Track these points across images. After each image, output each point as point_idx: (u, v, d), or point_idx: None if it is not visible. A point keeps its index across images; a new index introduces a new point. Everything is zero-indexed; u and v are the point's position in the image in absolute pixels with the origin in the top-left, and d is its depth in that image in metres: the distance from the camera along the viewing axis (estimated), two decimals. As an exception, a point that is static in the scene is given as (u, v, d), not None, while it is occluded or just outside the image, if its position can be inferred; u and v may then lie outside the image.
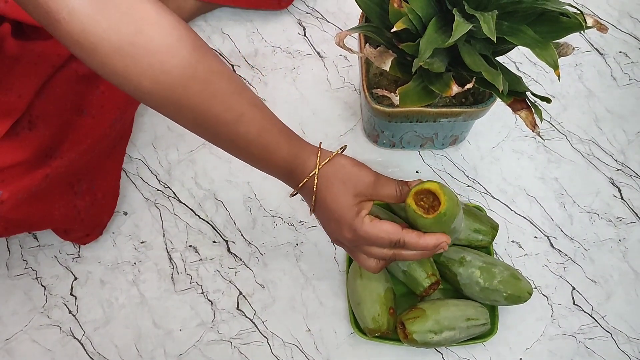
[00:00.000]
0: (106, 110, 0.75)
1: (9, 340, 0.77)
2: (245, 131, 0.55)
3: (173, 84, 0.51)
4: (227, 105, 0.54)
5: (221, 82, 0.54)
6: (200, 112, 0.53)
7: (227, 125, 0.54)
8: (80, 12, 0.46)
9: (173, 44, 0.50)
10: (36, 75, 0.68)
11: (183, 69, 0.50)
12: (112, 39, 0.47)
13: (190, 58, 0.51)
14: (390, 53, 0.57)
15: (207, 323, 0.77)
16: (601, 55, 0.91)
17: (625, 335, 0.76)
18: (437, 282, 0.72)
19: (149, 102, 0.53)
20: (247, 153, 0.57)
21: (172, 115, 0.55)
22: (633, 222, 0.81)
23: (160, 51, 0.49)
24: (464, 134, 0.82)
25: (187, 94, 0.52)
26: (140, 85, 0.50)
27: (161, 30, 0.49)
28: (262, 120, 0.56)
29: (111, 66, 0.48)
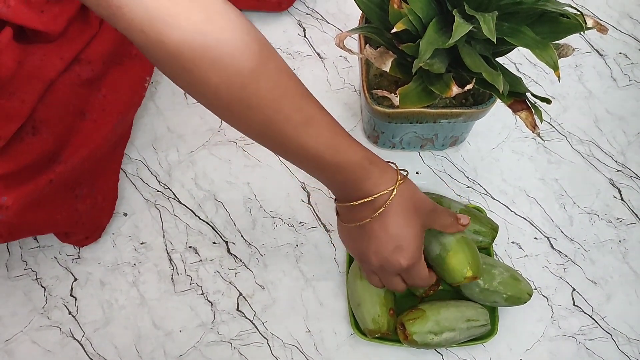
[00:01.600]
0: (107, 114, 0.75)
1: (8, 341, 0.77)
2: (316, 133, 0.51)
3: (244, 81, 0.46)
4: (298, 105, 0.50)
5: (290, 81, 0.50)
6: (270, 114, 0.49)
7: (297, 127, 0.50)
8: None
9: (243, 37, 0.46)
10: (39, 80, 0.68)
11: (255, 65, 0.46)
12: (182, 26, 0.43)
13: (261, 54, 0.47)
14: (391, 54, 0.57)
15: (207, 324, 0.77)
16: (601, 56, 0.91)
17: (626, 336, 0.76)
18: (437, 284, 0.72)
19: (215, 103, 0.49)
20: (317, 157, 0.52)
21: (239, 117, 0.50)
22: (633, 223, 0.81)
23: (230, 44, 0.45)
24: (464, 135, 0.82)
25: (259, 92, 0.47)
26: (209, 81, 0.46)
27: (230, 22, 0.45)
28: (331, 123, 0.53)
29: (179, 59, 0.44)
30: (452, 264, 0.66)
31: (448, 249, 0.66)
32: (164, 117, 0.87)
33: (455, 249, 0.66)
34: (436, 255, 0.67)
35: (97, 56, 0.74)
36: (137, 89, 0.81)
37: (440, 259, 0.66)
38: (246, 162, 0.85)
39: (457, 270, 0.66)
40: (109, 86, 0.75)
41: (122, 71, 0.78)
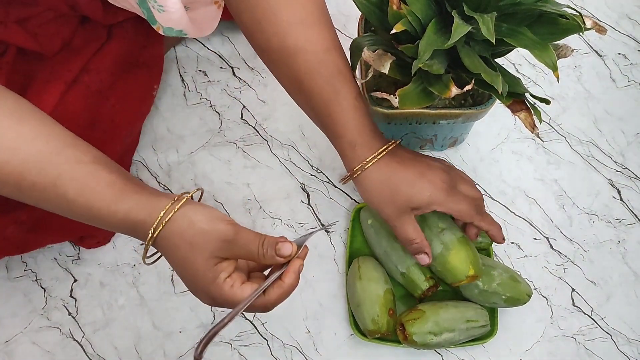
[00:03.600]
0: (117, 125, 0.75)
1: (8, 342, 0.77)
2: (63, 192, 0.50)
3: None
4: (40, 169, 0.50)
5: (27, 145, 0.50)
6: (14, 183, 0.49)
7: (44, 190, 0.50)
8: None
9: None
10: (49, 95, 0.68)
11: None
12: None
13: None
14: (389, 56, 0.57)
15: (207, 325, 0.77)
16: (600, 57, 0.91)
17: (625, 336, 0.76)
18: (435, 285, 0.72)
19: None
20: (75, 215, 0.52)
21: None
22: (632, 223, 0.81)
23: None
24: (464, 136, 0.82)
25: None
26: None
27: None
28: (83, 177, 0.51)
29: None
30: (454, 263, 0.66)
31: (450, 248, 0.66)
32: (164, 118, 0.87)
33: (457, 247, 0.66)
34: (438, 254, 0.67)
35: (106, 66, 0.74)
36: (146, 97, 0.81)
37: (442, 257, 0.67)
38: (246, 163, 0.85)
39: (460, 269, 0.66)
40: (118, 96, 0.76)
41: (130, 80, 0.78)
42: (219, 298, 0.50)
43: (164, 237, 0.51)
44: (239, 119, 0.87)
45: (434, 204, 0.60)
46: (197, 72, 0.90)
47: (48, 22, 0.69)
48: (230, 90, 0.89)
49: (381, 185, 0.59)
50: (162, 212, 0.50)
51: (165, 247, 0.51)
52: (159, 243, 0.51)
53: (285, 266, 0.52)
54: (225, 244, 0.50)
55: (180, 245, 0.50)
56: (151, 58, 0.82)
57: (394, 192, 0.59)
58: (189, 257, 0.50)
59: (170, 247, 0.51)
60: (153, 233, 0.50)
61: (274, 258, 0.51)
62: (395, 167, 0.59)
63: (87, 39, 0.73)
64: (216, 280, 0.50)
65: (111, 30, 0.76)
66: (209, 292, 0.50)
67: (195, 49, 0.91)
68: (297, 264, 0.52)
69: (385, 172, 0.59)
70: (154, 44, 0.82)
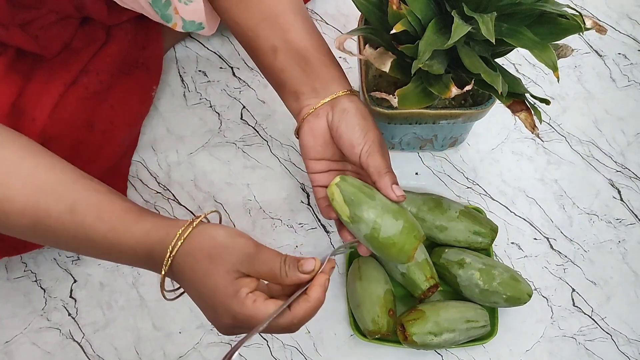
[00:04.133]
0: (115, 127, 0.75)
1: (8, 342, 0.76)
2: (81, 218, 0.50)
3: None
4: (58, 196, 0.50)
5: (44, 173, 0.50)
6: (30, 215, 0.49)
7: (61, 218, 0.50)
8: None
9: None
10: (48, 96, 0.68)
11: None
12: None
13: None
14: (390, 55, 0.57)
15: (207, 325, 0.77)
16: (600, 56, 0.91)
17: (625, 336, 0.76)
18: (435, 285, 0.72)
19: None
20: (92, 244, 0.51)
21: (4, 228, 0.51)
22: (633, 223, 0.81)
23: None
24: (464, 136, 0.82)
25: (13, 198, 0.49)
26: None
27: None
28: (103, 201, 0.51)
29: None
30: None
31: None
32: (164, 119, 0.87)
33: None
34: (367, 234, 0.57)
35: (105, 67, 0.74)
36: (145, 98, 0.81)
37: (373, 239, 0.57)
38: (245, 163, 0.85)
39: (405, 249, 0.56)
40: (116, 97, 0.76)
41: (129, 81, 0.78)
42: (239, 314, 0.47)
43: (183, 254, 0.49)
44: (239, 119, 0.87)
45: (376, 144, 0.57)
46: (196, 72, 0.90)
47: (49, 24, 0.69)
48: (230, 90, 0.89)
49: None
50: (180, 229, 0.49)
51: (183, 264, 0.49)
52: (178, 261, 0.49)
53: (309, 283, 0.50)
54: (246, 258, 0.48)
55: (200, 260, 0.48)
56: (150, 59, 0.82)
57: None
58: (209, 270, 0.48)
59: (190, 263, 0.49)
60: (172, 251, 0.49)
61: (297, 274, 0.49)
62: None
63: (86, 40, 0.73)
64: (238, 294, 0.47)
65: (110, 32, 0.76)
66: (229, 307, 0.47)
67: (195, 49, 0.91)
68: (323, 278, 0.50)
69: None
70: (153, 45, 0.82)
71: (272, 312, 0.47)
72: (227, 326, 0.49)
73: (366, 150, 0.56)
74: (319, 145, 0.60)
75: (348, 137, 0.57)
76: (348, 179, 0.57)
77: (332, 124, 0.59)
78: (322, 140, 0.60)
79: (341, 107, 0.58)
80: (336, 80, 0.60)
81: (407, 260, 0.56)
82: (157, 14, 0.66)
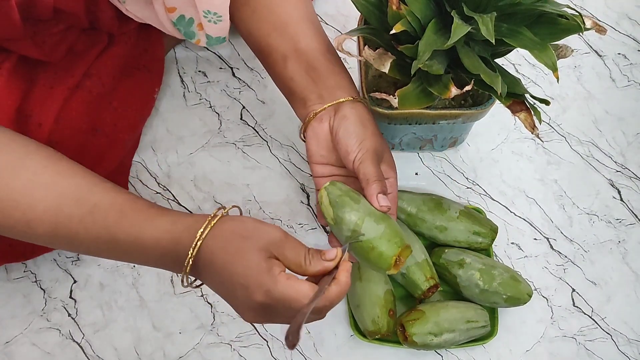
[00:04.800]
0: (119, 130, 0.75)
1: (8, 343, 0.76)
2: (102, 218, 0.50)
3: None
4: (76, 199, 0.51)
5: (61, 178, 0.51)
6: (51, 218, 0.50)
7: (83, 220, 0.50)
8: None
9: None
10: (53, 100, 0.68)
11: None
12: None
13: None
14: (389, 55, 0.57)
15: (207, 326, 0.77)
16: (600, 57, 0.91)
17: (626, 337, 0.76)
18: (435, 286, 0.72)
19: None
20: (115, 243, 0.51)
21: (22, 234, 0.52)
22: (633, 223, 0.81)
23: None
24: (463, 136, 0.82)
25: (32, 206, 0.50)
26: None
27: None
28: (122, 202, 0.52)
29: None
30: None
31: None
32: (163, 119, 0.87)
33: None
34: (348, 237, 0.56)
35: (108, 70, 0.74)
36: (147, 100, 0.82)
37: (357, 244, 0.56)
38: (245, 163, 0.85)
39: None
40: (119, 100, 0.76)
41: (132, 84, 0.78)
42: (274, 290, 0.47)
43: (213, 237, 0.49)
44: (239, 120, 0.87)
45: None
46: (196, 72, 0.90)
47: (57, 32, 0.69)
48: (229, 90, 0.89)
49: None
50: (209, 217, 0.50)
51: (213, 246, 0.49)
52: (207, 243, 0.49)
53: (334, 271, 0.51)
54: (277, 241, 0.49)
55: (232, 239, 0.49)
56: (152, 61, 0.82)
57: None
58: (242, 247, 0.48)
59: (221, 243, 0.49)
60: (202, 234, 0.49)
61: (321, 262, 0.50)
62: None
63: (89, 43, 0.73)
64: (271, 270, 0.47)
65: (112, 35, 0.76)
66: (263, 283, 0.47)
67: (195, 49, 0.91)
68: (348, 264, 0.52)
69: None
70: (155, 47, 0.82)
71: (313, 293, 0.47)
72: (257, 307, 0.48)
73: (359, 158, 0.57)
74: (323, 150, 0.61)
75: (344, 144, 0.58)
76: (337, 184, 0.57)
77: (332, 129, 0.59)
78: (326, 145, 0.61)
79: (342, 114, 0.59)
80: (342, 88, 0.61)
81: (388, 268, 0.54)
82: (180, 32, 0.67)
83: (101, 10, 0.69)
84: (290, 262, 0.50)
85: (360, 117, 0.59)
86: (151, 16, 0.68)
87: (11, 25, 0.60)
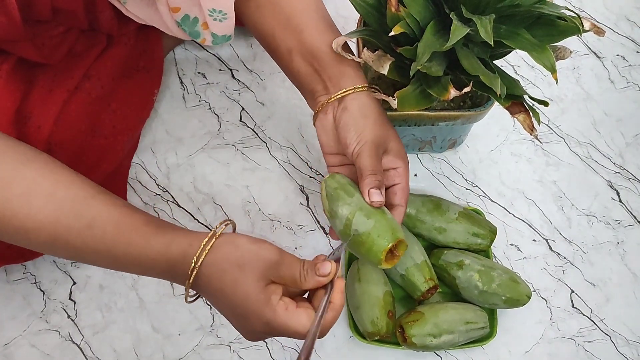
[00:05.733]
0: (118, 131, 0.75)
1: (7, 345, 0.76)
2: (101, 233, 0.50)
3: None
4: (77, 212, 0.51)
5: (64, 190, 0.51)
6: (50, 230, 0.50)
7: (81, 234, 0.51)
8: None
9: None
10: (52, 102, 0.68)
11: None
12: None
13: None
14: (389, 57, 0.58)
15: (206, 327, 0.77)
16: (599, 58, 0.91)
17: (625, 338, 0.76)
18: (434, 287, 0.72)
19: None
20: (111, 256, 0.51)
21: (21, 242, 0.52)
22: (631, 224, 0.81)
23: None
24: (462, 137, 0.82)
25: (32, 215, 0.50)
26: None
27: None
28: (119, 217, 0.51)
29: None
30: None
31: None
32: (163, 121, 0.87)
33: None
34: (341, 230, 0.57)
35: (107, 72, 0.74)
36: (146, 102, 0.82)
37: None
38: (245, 165, 0.85)
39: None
40: (119, 101, 0.76)
41: (131, 85, 0.78)
42: (273, 322, 0.48)
43: (208, 264, 0.49)
44: (238, 121, 0.87)
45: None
46: (196, 74, 0.90)
47: (57, 35, 0.69)
48: (229, 92, 0.89)
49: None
50: (204, 241, 0.50)
51: (210, 275, 0.49)
52: (204, 272, 0.49)
53: (329, 287, 0.51)
54: (272, 265, 0.49)
55: (229, 269, 0.49)
56: (151, 62, 0.82)
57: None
58: (239, 279, 0.48)
59: (217, 273, 0.49)
60: (196, 262, 0.49)
61: (315, 278, 0.50)
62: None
63: (87, 44, 0.73)
64: (270, 301, 0.48)
65: (111, 36, 0.76)
66: (262, 315, 0.48)
67: (194, 51, 0.91)
68: (342, 283, 0.52)
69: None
70: (154, 48, 0.82)
71: (311, 324, 0.48)
72: (258, 333, 0.50)
73: (357, 150, 0.57)
74: (331, 140, 0.62)
75: (343, 135, 0.58)
76: (337, 177, 0.58)
77: (336, 121, 0.60)
78: (333, 136, 0.61)
79: (344, 105, 0.59)
80: (346, 76, 0.60)
81: (378, 263, 0.54)
82: (185, 32, 0.67)
83: (100, 10, 0.69)
84: (287, 280, 0.50)
85: (362, 108, 0.58)
86: (153, 17, 0.67)
87: (12, 24, 0.60)
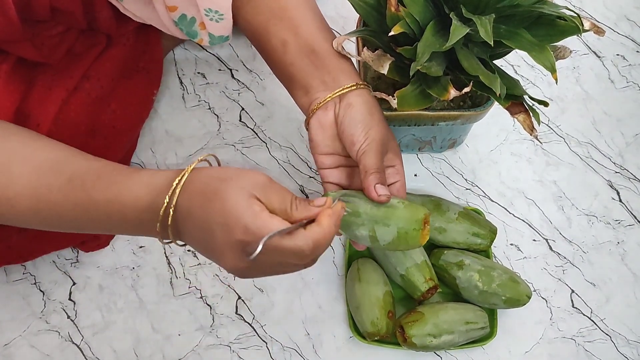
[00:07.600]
0: (117, 132, 0.75)
1: (7, 345, 0.76)
2: (80, 184, 0.50)
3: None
4: (56, 170, 0.51)
5: (39, 152, 0.52)
6: (31, 192, 0.50)
7: (62, 189, 0.50)
8: None
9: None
10: (52, 102, 0.68)
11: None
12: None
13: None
14: (388, 57, 0.57)
15: (206, 327, 0.77)
16: (599, 58, 0.91)
17: (625, 338, 0.76)
18: (434, 287, 0.72)
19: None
20: (95, 206, 0.50)
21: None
22: (632, 224, 0.81)
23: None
24: (462, 137, 0.82)
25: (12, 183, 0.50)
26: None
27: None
28: (99, 167, 0.51)
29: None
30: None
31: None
32: (162, 121, 0.87)
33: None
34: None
35: (106, 72, 0.74)
36: (146, 103, 0.82)
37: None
38: (244, 165, 0.85)
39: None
40: (118, 101, 0.76)
41: (130, 85, 0.78)
42: (252, 224, 0.44)
43: (190, 181, 0.47)
44: (238, 121, 0.87)
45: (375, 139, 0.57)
46: (195, 74, 0.90)
47: (56, 35, 0.69)
48: (228, 92, 0.89)
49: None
50: (188, 167, 0.48)
51: (192, 192, 0.47)
52: (185, 188, 0.47)
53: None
54: (260, 185, 0.47)
55: (211, 182, 0.47)
56: (151, 62, 0.82)
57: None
58: (220, 188, 0.46)
59: (200, 188, 0.47)
60: (180, 180, 0.47)
61: (307, 207, 0.48)
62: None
63: (87, 45, 0.73)
64: (252, 206, 0.45)
65: (111, 36, 0.76)
66: (241, 217, 0.45)
67: (194, 51, 0.91)
68: (329, 210, 0.49)
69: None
70: (153, 49, 0.82)
71: (284, 227, 0.45)
72: (237, 246, 0.46)
73: (363, 148, 0.56)
74: (328, 139, 0.59)
75: (349, 133, 0.56)
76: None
77: (337, 118, 0.58)
78: (331, 133, 0.59)
79: (347, 102, 0.57)
80: (345, 72, 0.59)
81: (421, 244, 0.55)
82: (182, 31, 0.66)
83: (98, 10, 0.69)
84: (275, 207, 0.47)
85: (367, 105, 0.57)
86: (151, 16, 0.67)
87: (9, 24, 0.60)
